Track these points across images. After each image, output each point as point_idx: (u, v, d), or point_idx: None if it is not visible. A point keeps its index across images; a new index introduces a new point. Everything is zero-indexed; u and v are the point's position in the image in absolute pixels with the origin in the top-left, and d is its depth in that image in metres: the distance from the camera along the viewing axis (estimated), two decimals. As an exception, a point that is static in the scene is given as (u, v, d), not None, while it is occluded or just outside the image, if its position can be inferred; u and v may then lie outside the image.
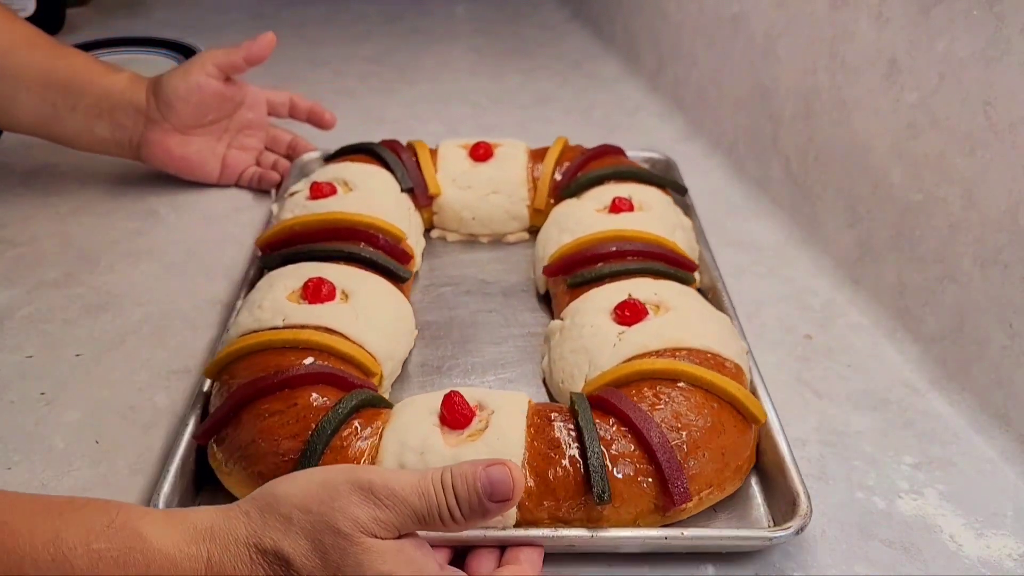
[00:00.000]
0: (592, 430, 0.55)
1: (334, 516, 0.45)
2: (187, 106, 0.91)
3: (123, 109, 0.90)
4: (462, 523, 0.47)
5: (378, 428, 0.57)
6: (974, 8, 0.66)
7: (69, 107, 0.89)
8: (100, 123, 0.91)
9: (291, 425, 0.56)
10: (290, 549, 0.44)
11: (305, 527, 0.45)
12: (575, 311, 0.69)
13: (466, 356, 0.73)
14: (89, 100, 0.89)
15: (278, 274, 0.71)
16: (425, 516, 0.46)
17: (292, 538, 0.45)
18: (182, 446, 0.60)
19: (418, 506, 0.46)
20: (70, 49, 0.91)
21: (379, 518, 0.45)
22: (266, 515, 0.46)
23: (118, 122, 0.91)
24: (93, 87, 0.89)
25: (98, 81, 0.89)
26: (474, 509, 0.47)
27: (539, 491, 0.54)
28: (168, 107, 0.91)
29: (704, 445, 0.57)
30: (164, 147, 0.93)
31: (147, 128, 0.92)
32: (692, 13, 1.13)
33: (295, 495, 0.46)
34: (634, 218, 0.77)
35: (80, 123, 0.90)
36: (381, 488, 0.46)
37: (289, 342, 0.62)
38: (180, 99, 0.90)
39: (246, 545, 0.45)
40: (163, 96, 0.90)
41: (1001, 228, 0.65)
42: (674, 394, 0.58)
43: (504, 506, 0.48)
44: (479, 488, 0.47)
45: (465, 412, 0.56)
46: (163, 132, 0.92)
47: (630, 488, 0.55)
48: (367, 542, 0.45)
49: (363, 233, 0.76)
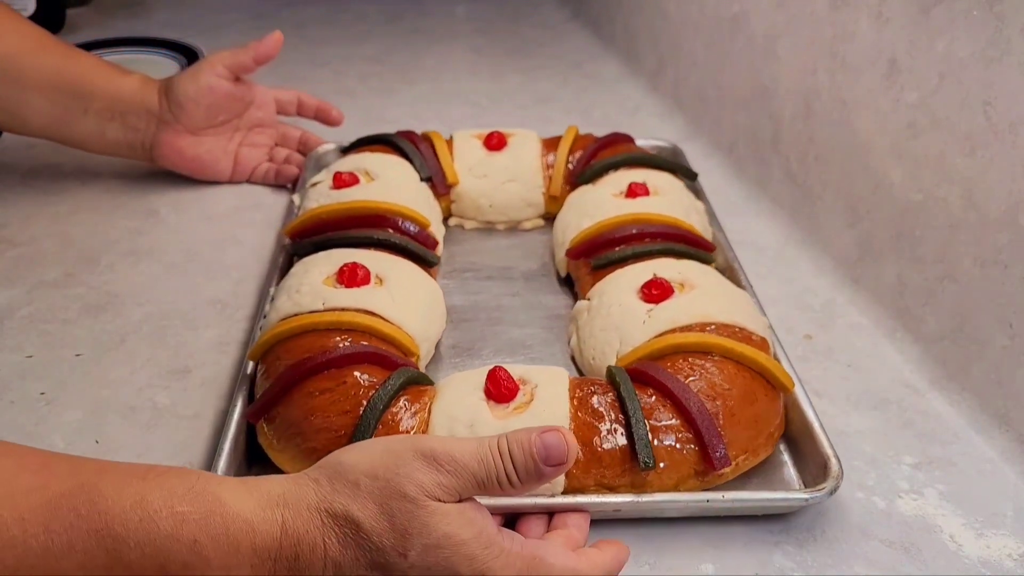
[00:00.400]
0: (635, 400, 0.58)
1: (400, 481, 0.46)
2: (198, 108, 0.92)
3: (135, 112, 0.91)
4: (518, 487, 0.49)
5: (426, 404, 0.59)
6: (974, 8, 0.66)
7: (81, 110, 0.90)
8: (112, 126, 0.91)
9: (342, 402, 0.59)
10: (359, 513, 0.46)
11: (373, 492, 0.46)
12: (601, 292, 0.71)
13: (494, 338, 0.75)
14: (100, 103, 0.90)
15: (311, 260, 0.72)
16: (484, 481, 0.48)
17: (360, 502, 0.46)
18: (232, 426, 0.61)
19: (478, 471, 0.48)
20: (79, 51, 0.92)
21: (442, 483, 0.47)
22: (335, 482, 0.47)
23: (130, 124, 0.92)
24: (104, 90, 0.90)
25: (109, 84, 0.90)
26: (530, 473, 0.49)
27: (586, 460, 0.57)
28: (180, 109, 0.91)
29: (738, 413, 0.60)
30: (176, 148, 0.94)
31: (159, 130, 0.92)
32: (692, 13, 1.13)
33: (362, 462, 0.48)
34: (651, 202, 0.80)
35: (92, 126, 0.91)
36: (443, 455, 0.48)
37: (333, 324, 0.64)
38: (191, 101, 0.91)
39: (317, 510, 0.46)
40: (174, 98, 0.91)
41: (1001, 228, 0.65)
42: (708, 365, 0.61)
43: (559, 470, 0.49)
44: (535, 453, 0.49)
45: (510, 386, 0.59)
46: (175, 134, 0.93)
47: (672, 455, 0.58)
48: (432, 505, 0.46)
49: (390, 220, 0.78)
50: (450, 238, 0.89)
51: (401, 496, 0.46)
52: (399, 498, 0.46)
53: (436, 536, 0.46)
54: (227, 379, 0.71)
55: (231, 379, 0.71)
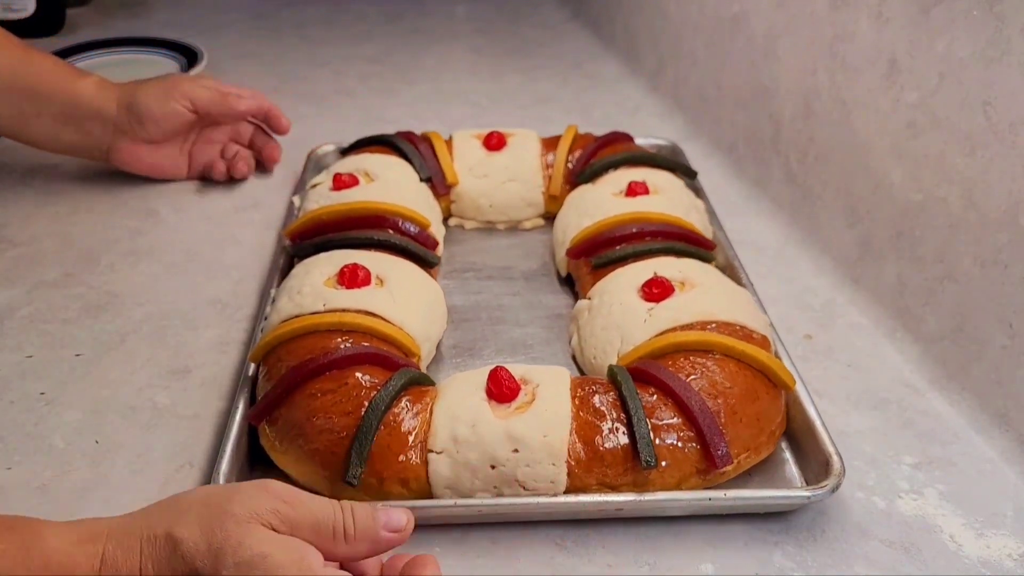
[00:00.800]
0: (637, 399, 0.58)
1: (231, 505, 0.46)
2: (159, 128, 0.93)
3: (91, 118, 0.91)
4: (352, 543, 0.49)
5: (427, 404, 0.59)
6: (974, 8, 0.66)
7: (35, 113, 0.89)
8: (67, 129, 0.91)
9: (344, 403, 0.59)
10: (180, 532, 0.45)
11: (201, 515, 0.46)
12: (602, 291, 0.72)
13: (495, 337, 0.75)
14: (55, 107, 0.90)
15: (312, 262, 0.73)
16: (321, 522, 0.48)
17: (184, 524, 0.46)
18: (235, 428, 0.61)
19: (317, 510, 0.48)
20: (36, 52, 0.91)
21: (278, 510, 0.47)
22: (165, 509, 0.47)
23: (86, 129, 0.92)
24: (59, 94, 0.89)
25: (64, 88, 0.90)
26: (368, 531, 0.49)
27: (588, 459, 0.57)
28: (140, 124, 0.92)
29: (740, 411, 0.60)
30: (135, 155, 0.94)
31: (116, 136, 0.93)
32: (692, 13, 1.13)
33: (205, 492, 0.48)
34: (651, 201, 0.80)
35: (47, 128, 0.91)
36: (287, 490, 0.48)
37: (334, 325, 0.64)
38: (153, 121, 0.92)
39: (140, 538, 0.46)
40: (136, 112, 0.91)
41: (1001, 228, 0.65)
42: (709, 364, 0.62)
43: (394, 538, 0.50)
44: (377, 515, 0.49)
45: (512, 386, 0.59)
46: (133, 141, 0.93)
47: (674, 454, 0.58)
48: (254, 526, 0.46)
49: (390, 221, 0.78)
50: (450, 238, 0.89)
51: (227, 515, 0.46)
52: (224, 517, 0.46)
53: (250, 554, 0.45)
54: (227, 379, 0.71)
55: (231, 379, 0.71)
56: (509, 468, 0.56)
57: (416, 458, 0.57)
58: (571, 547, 0.57)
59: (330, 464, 0.57)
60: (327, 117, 1.15)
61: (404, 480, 0.57)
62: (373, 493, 0.57)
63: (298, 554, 0.46)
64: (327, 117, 1.15)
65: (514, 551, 0.57)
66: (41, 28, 1.38)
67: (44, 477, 0.62)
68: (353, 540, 0.48)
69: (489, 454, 0.56)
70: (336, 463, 0.57)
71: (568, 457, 0.57)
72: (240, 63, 1.32)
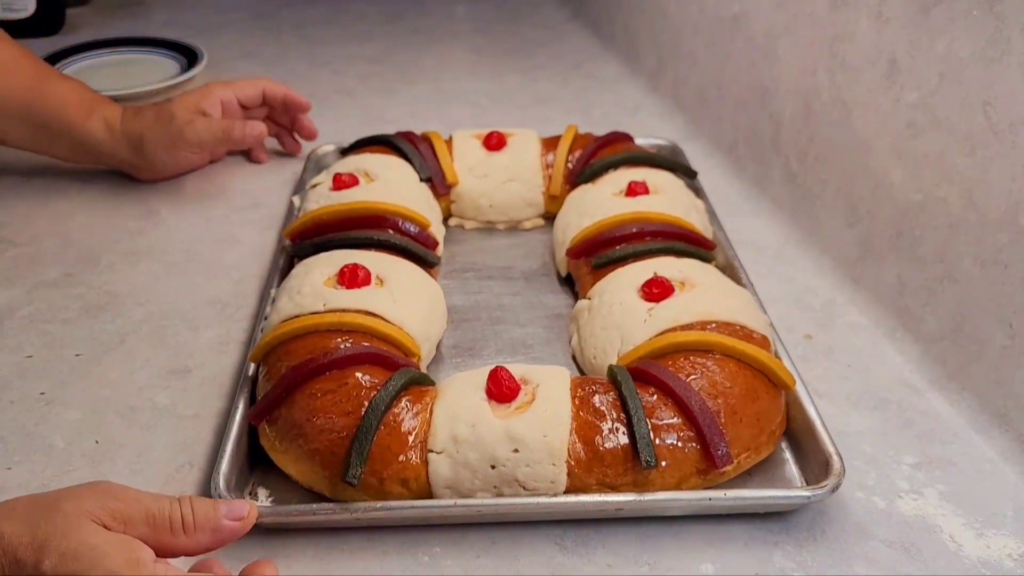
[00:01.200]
0: (637, 400, 0.58)
1: (61, 501, 0.46)
2: (172, 171, 0.98)
3: (103, 156, 0.94)
4: (191, 533, 0.49)
5: (427, 404, 0.59)
6: (974, 8, 0.66)
7: (49, 142, 0.93)
8: (83, 158, 0.96)
9: (344, 403, 0.59)
10: (3, 527, 0.46)
11: (28, 509, 0.46)
12: (602, 291, 0.72)
13: (495, 337, 0.75)
14: (66, 143, 0.93)
15: (312, 262, 0.73)
16: (156, 515, 0.48)
17: (9, 520, 0.46)
18: (235, 428, 0.61)
19: (151, 505, 0.48)
20: (50, 79, 0.92)
21: (109, 507, 0.47)
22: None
23: (101, 161, 0.96)
24: (69, 134, 0.92)
25: (73, 129, 0.92)
26: (208, 519, 0.49)
27: (588, 459, 0.57)
28: (152, 168, 0.96)
29: (740, 411, 0.60)
30: (152, 176, 0.98)
31: (132, 168, 0.96)
32: (692, 13, 1.13)
33: (32, 495, 0.48)
34: (651, 200, 0.80)
35: (64, 154, 0.95)
36: (120, 488, 0.48)
37: (334, 325, 0.64)
38: (164, 166, 0.96)
39: None
40: (146, 156, 0.94)
41: (1001, 228, 0.65)
42: (709, 364, 0.62)
43: (237, 527, 0.50)
44: (218, 504, 0.50)
45: (512, 386, 0.59)
46: (150, 172, 0.97)
47: (674, 454, 0.58)
48: (82, 520, 0.46)
49: (390, 221, 0.78)
50: (450, 238, 0.89)
51: (55, 511, 0.46)
52: (52, 512, 0.46)
53: (74, 544, 0.45)
54: (227, 379, 0.71)
55: (231, 379, 0.71)
56: (509, 468, 0.56)
57: (416, 458, 0.57)
58: (571, 547, 0.57)
59: (330, 464, 0.57)
60: (327, 117, 1.15)
61: (404, 480, 0.57)
62: (373, 493, 0.57)
63: (128, 548, 0.46)
64: (327, 117, 1.15)
65: (514, 551, 0.57)
66: (41, 28, 1.38)
67: (44, 477, 0.62)
68: (193, 531, 0.49)
69: (489, 454, 0.56)
70: (336, 463, 0.57)
71: (568, 457, 0.57)
72: (240, 63, 1.32)
